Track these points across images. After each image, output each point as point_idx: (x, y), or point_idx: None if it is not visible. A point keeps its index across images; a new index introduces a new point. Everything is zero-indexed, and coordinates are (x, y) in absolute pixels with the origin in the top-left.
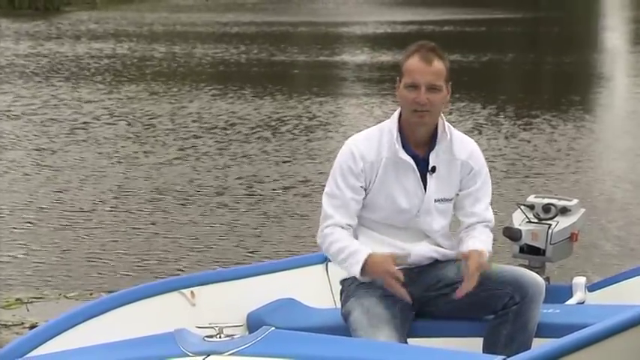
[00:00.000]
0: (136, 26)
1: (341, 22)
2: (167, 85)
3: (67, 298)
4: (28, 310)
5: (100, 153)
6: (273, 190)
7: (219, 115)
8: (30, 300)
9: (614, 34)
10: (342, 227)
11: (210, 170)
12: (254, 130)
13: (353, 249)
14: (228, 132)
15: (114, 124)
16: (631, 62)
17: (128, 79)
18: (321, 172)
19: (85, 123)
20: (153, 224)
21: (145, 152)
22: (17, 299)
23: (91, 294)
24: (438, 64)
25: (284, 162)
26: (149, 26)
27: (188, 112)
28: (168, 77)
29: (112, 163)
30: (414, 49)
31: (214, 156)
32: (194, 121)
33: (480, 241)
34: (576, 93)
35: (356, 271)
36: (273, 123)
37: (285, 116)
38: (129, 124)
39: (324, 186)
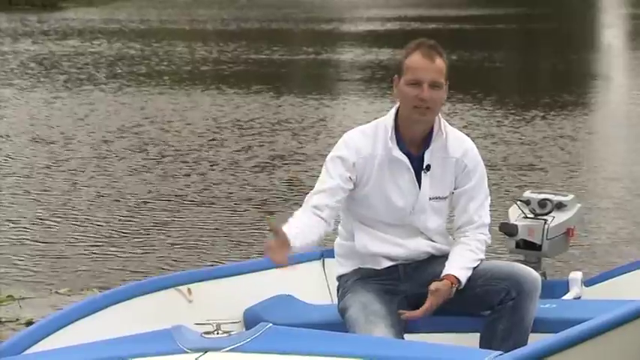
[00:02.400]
0: (124, 24)
1: (326, 18)
2: (140, 85)
3: (58, 294)
4: (20, 307)
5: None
6: (253, 193)
7: (198, 115)
8: (22, 297)
9: (611, 32)
10: (316, 208)
11: (189, 173)
12: (237, 131)
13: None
14: (208, 133)
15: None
16: (628, 61)
17: (97, 79)
18: (309, 176)
19: (47, 125)
20: (142, 225)
21: (118, 156)
22: (9, 296)
23: (81, 290)
24: (440, 62)
25: (268, 163)
26: (138, 24)
27: (168, 112)
28: (145, 77)
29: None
30: (415, 45)
31: (195, 158)
32: (169, 122)
33: (459, 264)
34: (572, 91)
35: None
36: (254, 123)
37: (267, 116)
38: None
39: (310, 188)
